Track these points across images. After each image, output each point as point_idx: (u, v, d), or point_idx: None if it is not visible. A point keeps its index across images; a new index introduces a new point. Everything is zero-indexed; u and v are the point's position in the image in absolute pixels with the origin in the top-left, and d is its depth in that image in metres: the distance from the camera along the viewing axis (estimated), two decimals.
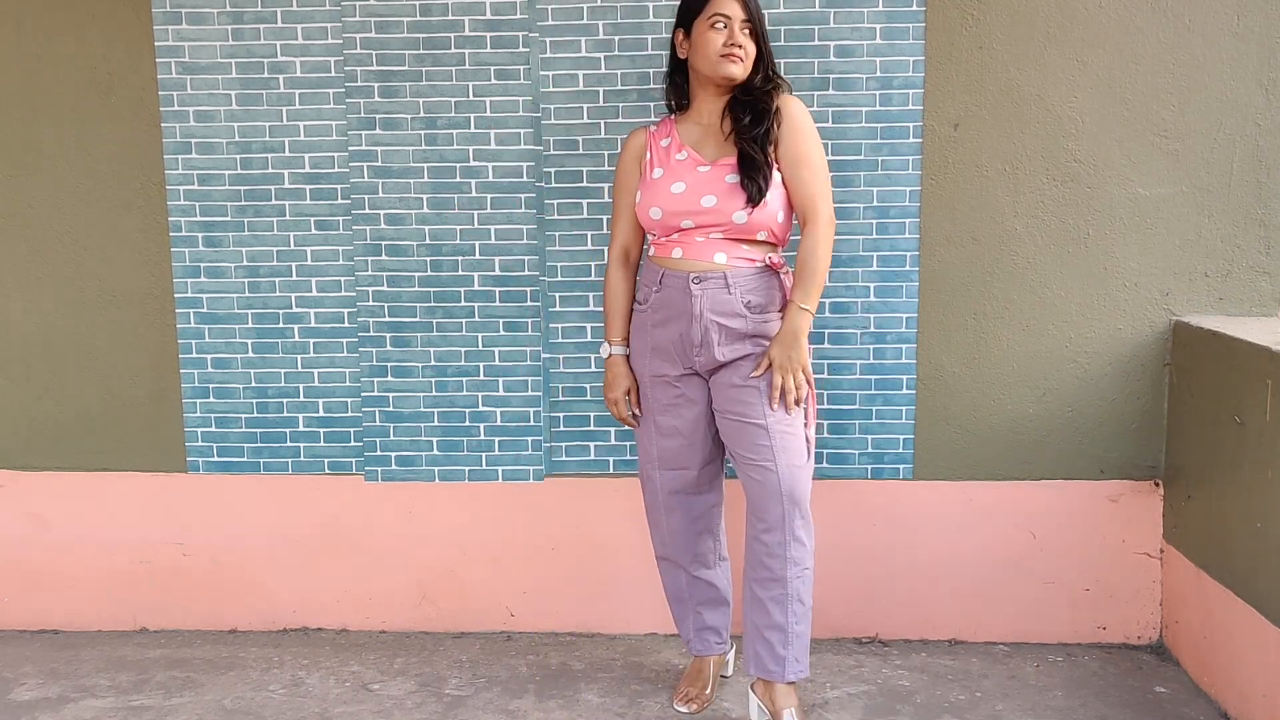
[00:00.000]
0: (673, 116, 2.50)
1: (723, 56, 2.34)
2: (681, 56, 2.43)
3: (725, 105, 2.40)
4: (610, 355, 2.54)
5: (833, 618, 2.92)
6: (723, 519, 2.62)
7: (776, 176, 2.35)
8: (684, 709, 2.56)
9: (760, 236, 2.37)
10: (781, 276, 2.41)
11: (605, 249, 2.82)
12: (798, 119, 2.38)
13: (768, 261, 2.39)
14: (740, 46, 2.34)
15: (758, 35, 2.37)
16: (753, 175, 2.32)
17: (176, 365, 2.95)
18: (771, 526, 2.35)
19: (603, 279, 2.80)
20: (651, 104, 2.77)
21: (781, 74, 2.45)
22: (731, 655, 2.71)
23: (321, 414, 2.95)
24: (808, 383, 2.36)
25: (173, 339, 2.95)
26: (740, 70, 2.35)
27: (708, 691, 2.60)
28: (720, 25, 2.34)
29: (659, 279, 2.42)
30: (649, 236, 2.50)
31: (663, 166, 2.42)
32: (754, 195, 2.31)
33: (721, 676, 2.69)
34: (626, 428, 2.84)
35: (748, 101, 2.38)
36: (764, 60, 2.39)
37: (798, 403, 2.35)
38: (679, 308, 2.39)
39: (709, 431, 2.50)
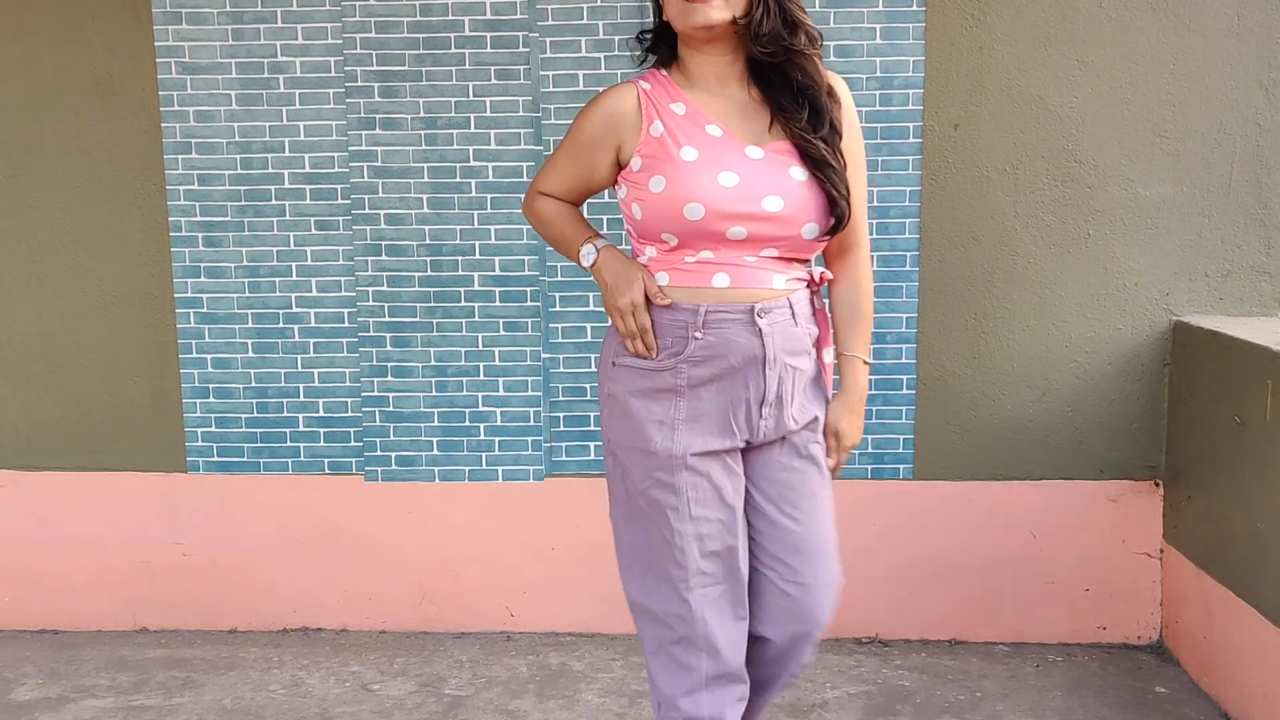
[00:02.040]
0: (663, 73, 1.78)
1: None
2: (665, 19, 1.73)
3: (743, 66, 1.74)
4: (597, 254, 1.79)
5: (832, 618, 2.91)
6: None
7: None
8: None
9: (812, 256, 1.80)
10: (812, 298, 1.83)
11: None
12: (851, 112, 1.79)
13: (810, 277, 1.81)
14: None
15: None
16: (834, 179, 1.70)
17: (176, 365, 2.95)
18: (780, 653, 1.83)
19: None
20: None
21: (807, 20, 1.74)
22: None
23: (321, 414, 2.95)
24: None
25: (173, 339, 2.95)
26: (713, 14, 1.64)
27: None
28: None
29: (699, 318, 1.71)
30: (647, 250, 1.77)
31: (694, 143, 1.70)
32: (841, 210, 1.70)
33: None
34: None
35: (770, 59, 1.70)
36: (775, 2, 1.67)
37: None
38: (743, 352, 1.72)
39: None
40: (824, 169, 1.69)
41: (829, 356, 1.83)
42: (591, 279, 2.45)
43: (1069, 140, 2.74)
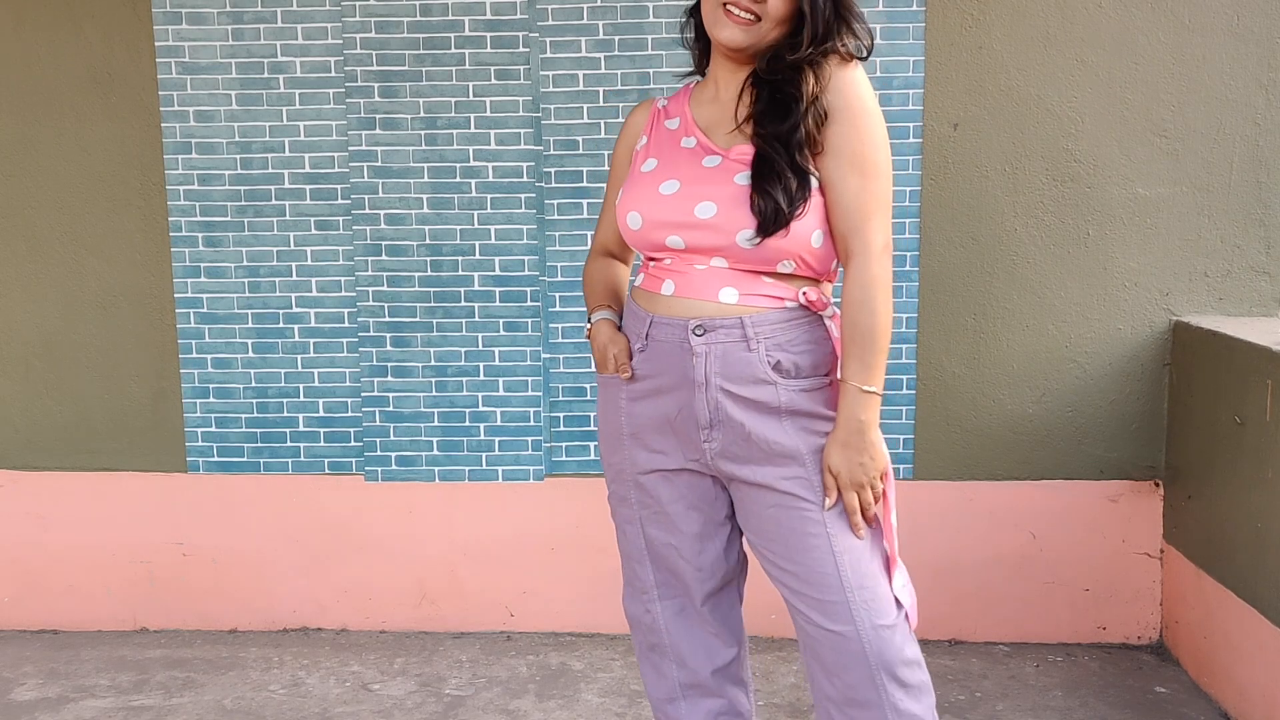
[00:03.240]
0: (691, 85, 1.77)
1: (722, 7, 1.60)
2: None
3: (747, 79, 1.66)
4: (590, 326, 1.80)
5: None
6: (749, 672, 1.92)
7: (815, 183, 1.61)
8: None
9: (784, 268, 1.63)
10: (828, 323, 1.67)
11: None
12: (855, 101, 1.60)
13: (802, 300, 1.64)
14: (759, 1, 1.58)
15: None
16: (769, 188, 1.57)
17: (176, 365, 2.95)
18: (856, 701, 1.64)
19: None
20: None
21: (852, 33, 1.64)
22: None
23: (321, 414, 2.95)
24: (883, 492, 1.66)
25: (173, 339, 2.95)
26: (740, 36, 1.60)
27: None
28: None
29: (645, 329, 1.69)
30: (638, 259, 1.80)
31: (659, 156, 1.70)
32: (767, 219, 1.57)
33: None
34: None
35: (772, 79, 1.62)
36: (812, 21, 1.59)
37: (868, 522, 1.65)
38: (677, 371, 1.66)
39: (727, 545, 1.78)
40: (767, 178, 1.58)
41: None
42: None
43: (1069, 140, 2.74)
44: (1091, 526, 2.85)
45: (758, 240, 1.59)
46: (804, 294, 1.64)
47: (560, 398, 2.91)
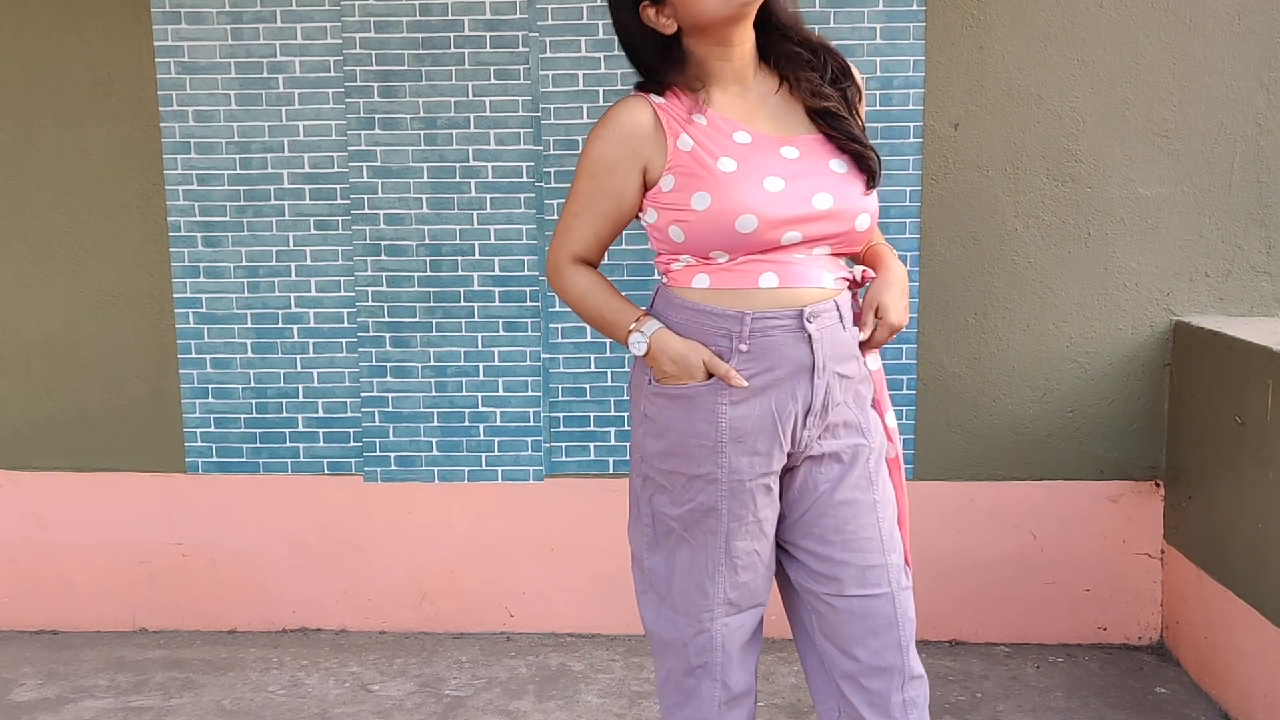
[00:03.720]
0: (668, 94, 1.65)
1: None
2: (666, 32, 1.61)
3: (775, 64, 1.67)
4: (648, 344, 1.64)
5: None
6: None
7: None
8: None
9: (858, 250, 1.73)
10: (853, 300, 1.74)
11: None
12: (862, 89, 1.73)
13: (855, 276, 1.73)
14: None
15: None
16: (863, 151, 1.64)
17: (176, 365, 2.95)
18: (879, 668, 1.66)
19: None
20: None
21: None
22: None
23: (321, 414, 2.95)
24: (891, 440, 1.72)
25: (172, 339, 2.95)
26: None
27: None
28: None
29: (744, 327, 1.61)
30: (676, 262, 1.66)
31: (728, 154, 1.60)
32: (872, 176, 1.64)
33: None
34: (628, 428, 2.84)
35: (791, 50, 1.64)
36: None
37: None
38: (792, 362, 1.62)
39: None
40: (853, 139, 1.63)
41: (874, 363, 1.71)
42: None
43: (1069, 140, 2.74)
44: (1092, 527, 2.85)
45: (870, 217, 1.65)
46: (853, 271, 1.71)
47: (560, 398, 2.91)
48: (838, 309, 1.64)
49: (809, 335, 1.61)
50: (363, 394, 2.92)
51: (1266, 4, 2.67)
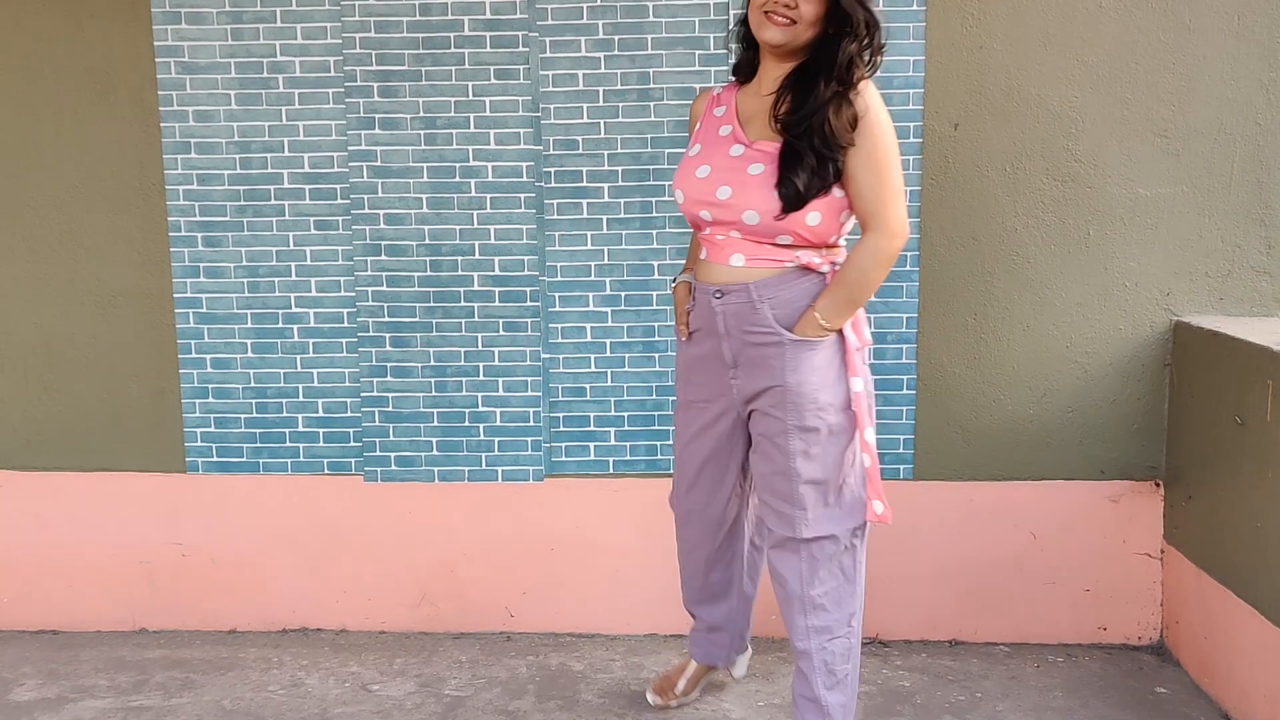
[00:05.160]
0: (730, 85, 2.14)
1: (764, 12, 1.94)
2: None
3: (785, 80, 1.98)
4: (674, 284, 2.25)
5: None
6: (744, 560, 2.44)
7: (832, 174, 1.96)
8: (650, 697, 2.55)
9: (782, 240, 2.01)
10: (828, 280, 2.05)
11: (605, 249, 2.83)
12: (874, 113, 1.96)
13: (798, 262, 2.01)
14: (793, 6, 1.91)
15: None
16: (792, 175, 1.92)
17: (176, 365, 2.95)
18: (790, 595, 2.13)
19: (603, 279, 2.84)
20: (651, 104, 2.77)
21: (881, 41, 2.01)
22: (745, 659, 2.64)
23: (321, 414, 2.95)
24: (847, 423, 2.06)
25: (172, 339, 2.94)
26: (781, 36, 1.93)
27: (676, 690, 2.55)
28: None
29: (693, 290, 2.14)
30: None
31: (702, 141, 2.08)
32: (789, 202, 1.93)
33: (735, 679, 2.64)
34: (628, 428, 2.85)
35: (808, 79, 1.94)
36: (851, 23, 1.93)
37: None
38: (710, 325, 2.09)
39: (739, 475, 2.27)
40: (792, 165, 1.92)
41: (856, 385, 2.04)
42: (591, 279, 2.86)
43: (1069, 140, 2.74)
44: (1092, 527, 2.85)
45: (759, 216, 1.96)
46: (798, 257, 2.01)
47: (560, 398, 2.91)
48: (748, 289, 2.01)
49: (714, 308, 2.06)
50: (363, 394, 2.92)
51: (1266, 4, 2.67)
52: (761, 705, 2.58)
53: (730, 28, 2.14)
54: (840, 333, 2.02)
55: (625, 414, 2.87)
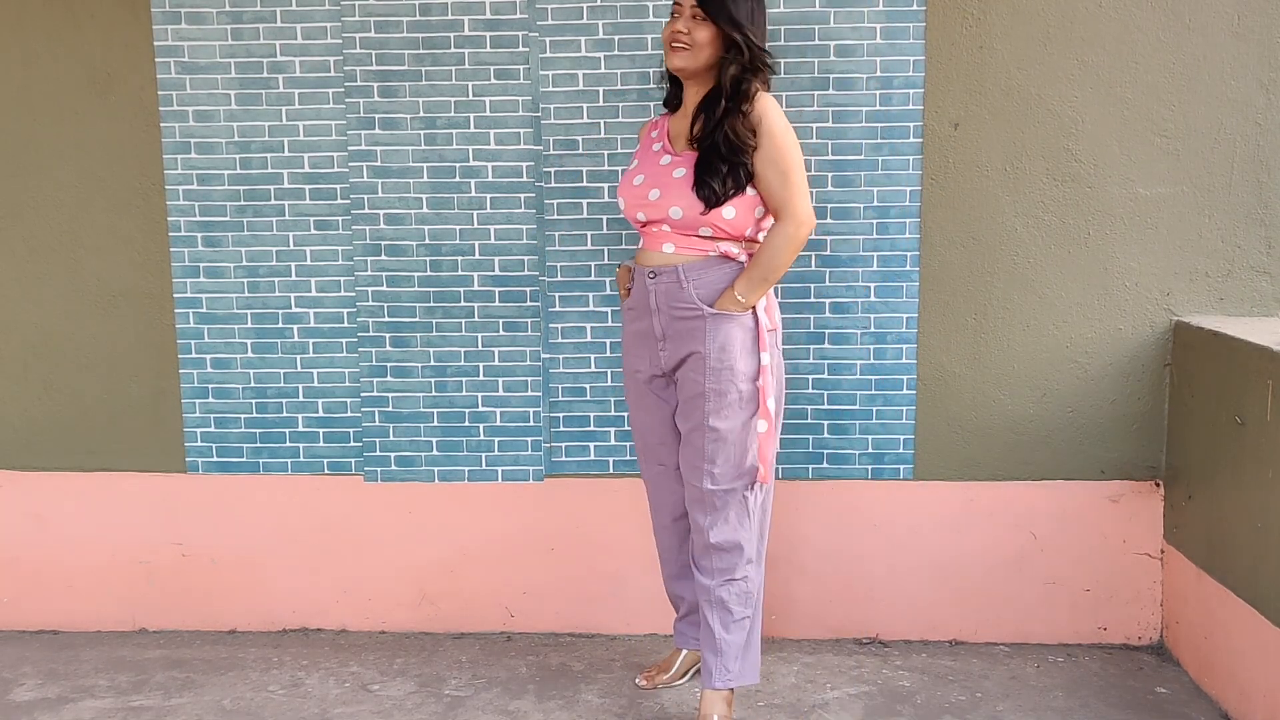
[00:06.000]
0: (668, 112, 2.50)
1: (669, 45, 2.31)
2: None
3: (699, 103, 2.34)
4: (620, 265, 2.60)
5: (833, 618, 2.91)
6: None
7: (744, 176, 2.30)
8: (638, 681, 2.68)
9: (703, 233, 2.33)
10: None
11: (605, 249, 2.83)
12: (769, 119, 2.29)
13: (719, 250, 2.34)
14: (686, 33, 2.28)
15: (717, 22, 2.26)
16: (707, 177, 2.27)
17: (176, 365, 2.95)
18: (698, 541, 2.43)
19: (603, 279, 2.86)
20: (651, 104, 2.77)
21: (767, 63, 2.33)
22: None
23: (321, 414, 2.95)
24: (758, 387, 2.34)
25: (172, 339, 2.94)
26: (681, 60, 2.30)
27: (664, 676, 2.68)
28: (674, 12, 2.31)
29: (633, 273, 2.47)
30: None
31: (639, 159, 2.44)
32: (709, 198, 2.27)
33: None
34: (628, 428, 2.84)
35: (714, 97, 2.31)
36: (740, 49, 2.28)
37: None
38: (644, 303, 2.40)
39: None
40: (707, 170, 2.27)
41: (764, 359, 2.33)
42: (591, 279, 2.88)
43: (1069, 140, 2.74)
44: (1092, 527, 2.85)
45: (681, 212, 2.30)
46: (719, 248, 2.34)
47: (560, 398, 2.91)
48: (677, 272, 2.34)
49: (648, 287, 2.38)
50: (363, 394, 2.92)
51: (1266, 4, 2.67)
52: (761, 705, 2.58)
53: (659, 69, 2.61)
54: (754, 312, 2.32)
55: (625, 414, 2.87)
